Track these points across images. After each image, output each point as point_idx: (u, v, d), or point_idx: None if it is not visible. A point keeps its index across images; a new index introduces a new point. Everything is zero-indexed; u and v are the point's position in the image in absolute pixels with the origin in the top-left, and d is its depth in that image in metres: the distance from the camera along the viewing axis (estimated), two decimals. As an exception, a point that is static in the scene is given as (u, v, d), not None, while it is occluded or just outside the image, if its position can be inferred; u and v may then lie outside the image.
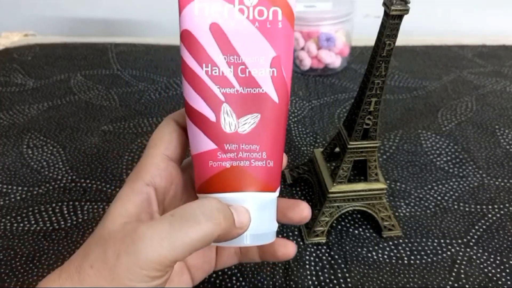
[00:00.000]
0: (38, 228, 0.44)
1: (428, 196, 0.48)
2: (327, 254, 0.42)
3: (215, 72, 0.28)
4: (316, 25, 0.67)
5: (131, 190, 0.27)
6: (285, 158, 0.31)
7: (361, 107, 0.39)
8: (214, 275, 0.39)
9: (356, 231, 0.44)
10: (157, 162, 0.29)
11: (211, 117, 0.28)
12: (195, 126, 0.28)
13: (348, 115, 0.41)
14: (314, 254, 0.42)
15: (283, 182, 0.49)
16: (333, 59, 0.68)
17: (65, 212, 0.46)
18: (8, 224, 0.44)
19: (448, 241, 0.43)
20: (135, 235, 0.24)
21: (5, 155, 0.53)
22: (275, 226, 0.30)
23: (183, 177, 0.31)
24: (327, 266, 0.40)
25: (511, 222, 0.45)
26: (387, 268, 0.40)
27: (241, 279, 0.39)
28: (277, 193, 0.30)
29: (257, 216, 0.28)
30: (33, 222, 0.44)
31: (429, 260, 0.41)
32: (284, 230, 0.44)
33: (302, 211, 0.32)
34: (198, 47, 0.28)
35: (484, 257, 0.41)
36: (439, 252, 0.42)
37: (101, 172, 0.50)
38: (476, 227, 0.44)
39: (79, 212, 0.46)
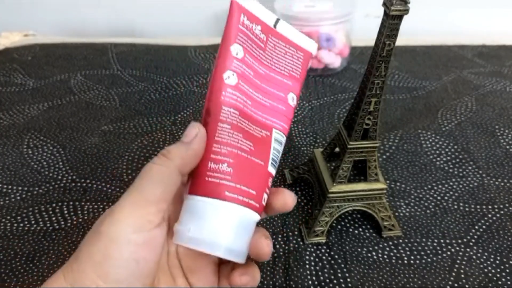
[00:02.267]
0: (38, 228, 0.44)
1: (428, 196, 0.48)
2: (327, 254, 0.42)
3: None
4: (316, 25, 0.67)
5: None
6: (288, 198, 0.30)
7: (361, 107, 0.39)
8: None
9: (356, 231, 0.44)
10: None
11: None
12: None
13: (348, 115, 0.41)
14: (314, 254, 0.42)
15: (283, 182, 0.49)
16: (333, 59, 0.68)
17: (65, 212, 0.46)
18: (8, 224, 0.44)
19: (448, 241, 0.43)
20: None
21: (5, 155, 0.53)
22: (247, 250, 0.28)
23: None
24: (327, 266, 0.40)
25: (511, 222, 0.45)
26: (387, 268, 0.40)
27: (241, 279, 0.39)
28: (257, 218, 0.28)
29: (234, 230, 0.27)
30: (33, 222, 0.44)
31: (429, 260, 0.41)
32: (284, 229, 0.44)
33: (285, 198, 0.29)
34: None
35: (484, 257, 0.41)
36: (439, 252, 0.42)
37: (101, 172, 0.50)
38: (476, 227, 0.44)
39: (79, 212, 0.46)
